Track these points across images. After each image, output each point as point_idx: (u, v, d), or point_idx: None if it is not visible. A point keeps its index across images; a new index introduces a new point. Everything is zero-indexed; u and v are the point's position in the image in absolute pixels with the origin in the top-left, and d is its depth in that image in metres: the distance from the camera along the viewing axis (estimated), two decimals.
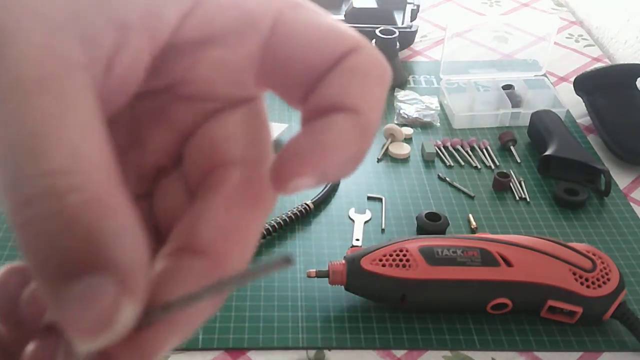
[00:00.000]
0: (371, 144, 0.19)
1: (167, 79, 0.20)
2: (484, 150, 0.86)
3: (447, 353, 0.60)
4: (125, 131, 0.21)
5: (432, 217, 0.73)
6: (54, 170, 0.15)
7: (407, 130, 0.88)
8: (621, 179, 0.83)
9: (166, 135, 0.21)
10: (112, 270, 0.16)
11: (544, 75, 1.01)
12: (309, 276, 0.63)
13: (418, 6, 1.11)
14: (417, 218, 0.73)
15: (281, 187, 0.18)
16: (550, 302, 0.61)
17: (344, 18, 1.06)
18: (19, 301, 0.21)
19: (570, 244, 0.64)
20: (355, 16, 1.05)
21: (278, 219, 0.71)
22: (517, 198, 0.79)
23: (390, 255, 0.61)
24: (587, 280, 0.61)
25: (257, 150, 0.21)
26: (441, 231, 0.71)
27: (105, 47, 0.17)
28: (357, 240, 0.71)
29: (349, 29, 0.19)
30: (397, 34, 0.96)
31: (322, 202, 0.76)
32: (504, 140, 0.87)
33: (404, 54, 1.08)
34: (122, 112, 0.20)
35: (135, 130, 0.21)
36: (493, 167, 0.84)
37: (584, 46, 1.13)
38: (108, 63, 0.17)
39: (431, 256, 0.61)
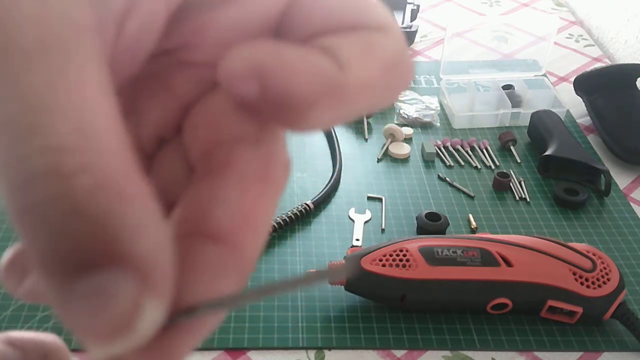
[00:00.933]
0: (351, 104, 0.16)
1: (172, 43, 0.18)
2: (484, 150, 0.86)
3: (447, 353, 0.60)
4: (123, 99, 0.19)
5: (432, 217, 0.72)
6: (57, 147, 0.13)
7: (407, 130, 0.88)
8: (621, 179, 0.83)
9: (166, 104, 0.19)
10: (131, 263, 0.13)
11: (544, 75, 1.01)
12: None
13: (418, 6, 1.11)
14: (417, 218, 0.73)
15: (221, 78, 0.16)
16: (550, 302, 0.61)
17: None
18: None
19: (570, 244, 0.64)
20: None
21: (278, 219, 0.71)
22: (517, 198, 0.79)
23: (390, 255, 0.61)
24: (587, 280, 0.61)
25: (268, 125, 0.18)
26: (441, 231, 0.71)
27: (116, 8, 0.15)
28: (357, 240, 0.71)
29: (382, 7, 0.17)
30: None
31: (322, 202, 0.76)
32: (504, 140, 0.87)
33: None
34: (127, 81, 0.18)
35: (134, 98, 0.19)
36: (493, 167, 0.84)
37: (584, 46, 1.13)
38: (118, 27, 0.15)
39: (431, 256, 0.61)
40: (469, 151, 0.86)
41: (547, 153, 0.81)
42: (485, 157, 0.85)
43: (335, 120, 0.16)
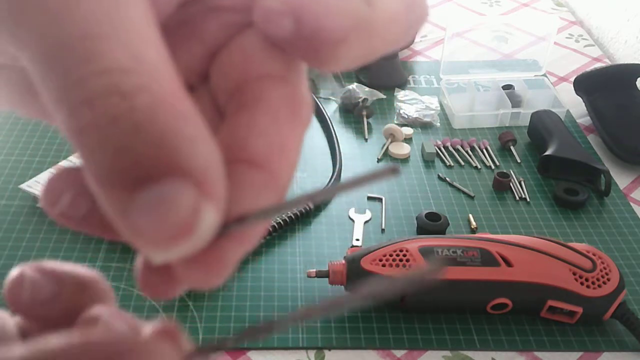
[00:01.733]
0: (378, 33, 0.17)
1: None
2: (484, 150, 0.86)
3: (447, 353, 0.60)
4: None
5: (432, 217, 0.73)
6: (115, 69, 0.14)
7: (407, 130, 0.88)
8: (621, 179, 0.83)
9: (195, 50, 0.20)
10: (189, 173, 0.15)
11: (544, 75, 1.01)
12: (309, 276, 0.63)
13: None
14: (417, 218, 0.73)
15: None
16: (550, 302, 0.61)
17: None
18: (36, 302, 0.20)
19: (570, 244, 0.64)
20: None
21: (278, 219, 0.71)
22: (517, 198, 0.79)
23: (390, 255, 0.61)
24: (587, 280, 0.61)
25: (293, 62, 0.19)
26: (441, 231, 0.71)
27: None
28: (357, 240, 0.71)
29: None
30: None
31: (322, 202, 0.76)
32: (504, 140, 0.87)
33: (404, 53, 1.08)
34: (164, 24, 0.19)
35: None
36: (493, 167, 0.84)
37: (584, 46, 1.13)
38: None
39: (431, 256, 0.61)
40: (469, 151, 0.86)
41: (547, 153, 0.81)
42: (485, 157, 0.85)
43: (361, 57, 0.17)
